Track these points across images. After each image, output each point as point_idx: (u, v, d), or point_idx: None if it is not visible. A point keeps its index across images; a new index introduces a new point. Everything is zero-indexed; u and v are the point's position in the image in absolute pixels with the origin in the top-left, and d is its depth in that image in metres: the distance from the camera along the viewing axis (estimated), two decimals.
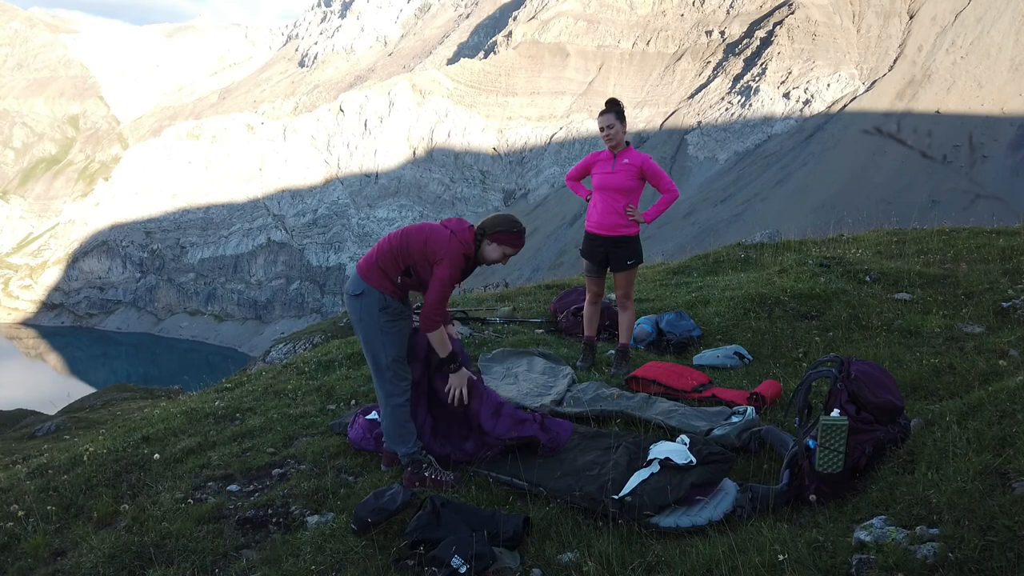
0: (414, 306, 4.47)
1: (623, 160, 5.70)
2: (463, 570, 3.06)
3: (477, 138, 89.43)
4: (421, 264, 4.09)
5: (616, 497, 3.59)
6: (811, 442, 3.55)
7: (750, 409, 4.51)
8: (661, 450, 3.89)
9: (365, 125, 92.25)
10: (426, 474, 4.12)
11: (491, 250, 4.14)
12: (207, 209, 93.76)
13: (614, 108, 5.68)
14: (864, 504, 3.17)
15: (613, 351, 6.35)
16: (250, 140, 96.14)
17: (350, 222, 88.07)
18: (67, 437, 10.94)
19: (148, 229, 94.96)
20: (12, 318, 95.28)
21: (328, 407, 5.66)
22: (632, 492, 3.61)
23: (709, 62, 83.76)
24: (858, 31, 77.31)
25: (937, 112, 64.16)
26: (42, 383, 64.57)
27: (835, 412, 3.50)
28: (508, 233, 4.13)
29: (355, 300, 4.17)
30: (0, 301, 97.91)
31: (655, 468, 3.75)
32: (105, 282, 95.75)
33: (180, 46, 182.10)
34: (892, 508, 2.99)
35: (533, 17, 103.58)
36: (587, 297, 6.20)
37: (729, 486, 3.68)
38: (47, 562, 3.72)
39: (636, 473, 3.77)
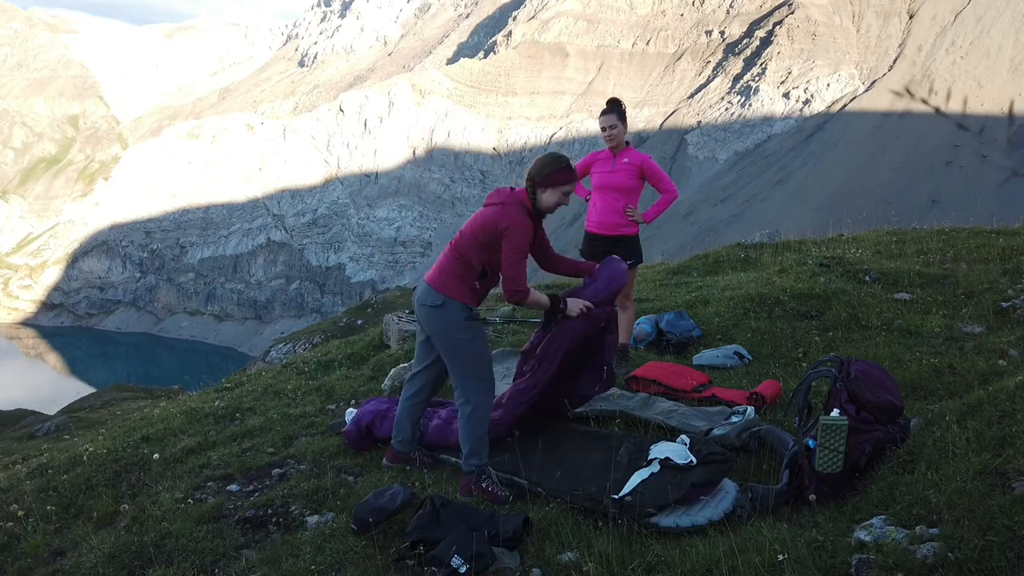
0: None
1: (623, 160, 5.70)
2: (463, 570, 3.06)
3: (477, 138, 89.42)
4: (493, 251, 3.98)
5: (616, 497, 3.59)
6: (811, 442, 3.55)
7: (750, 409, 4.51)
8: (661, 450, 3.89)
9: (365, 125, 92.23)
10: (483, 485, 3.96)
11: (547, 196, 4.02)
12: (207, 209, 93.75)
13: (616, 108, 5.68)
14: (864, 504, 3.17)
15: None
16: (250, 140, 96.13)
17: (350, 222, 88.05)
18: (67, 437, 10.94)
19: (148, 229, 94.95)
20: (12, 318, 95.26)
21: (328, 407, 5.67)
22: (632, 492, 3.61)
23: (709, 62, 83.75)
24: (858, 31, 77.30)
25: (936, 112, 64.07)
26: (42, 383, 64.56)
27: (835, 412, 3.51)
28: (557, 172, 3.99)
29: (435, 311, 4.03)
30: (0, 301, 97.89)
31: (655, 468, 3.76)
32: (105, 282, 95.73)
33: (180, 46, 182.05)
34: (892, 508, 2.99)
35: (533, 17, 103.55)
36: None
37: (729, 486, 3.68)
38: (47, 562, 3.72)
39: (636, 473, 3.77)
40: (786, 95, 73.71)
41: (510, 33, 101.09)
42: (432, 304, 4.04)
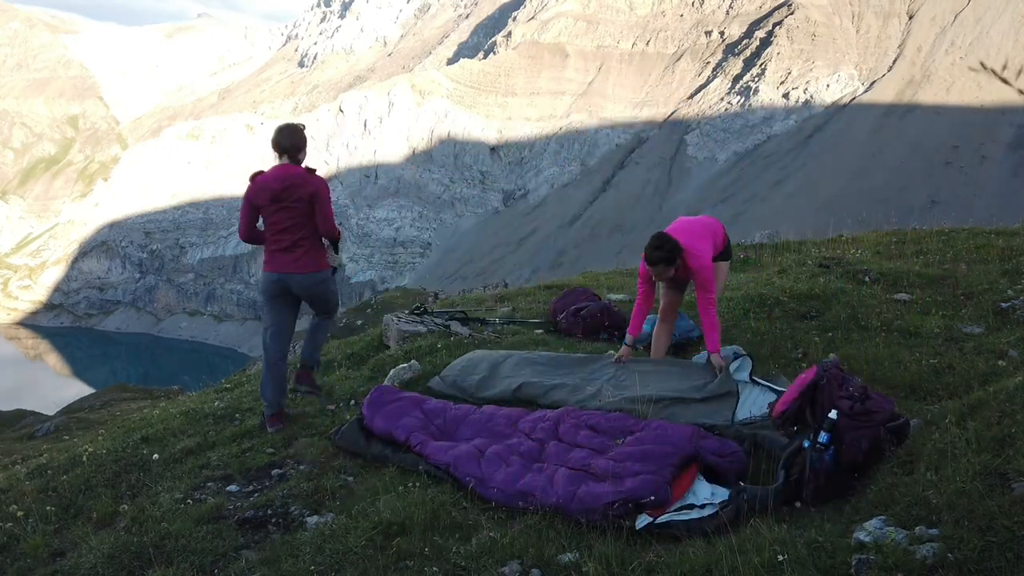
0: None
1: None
2: None
3: (477, 138, 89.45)
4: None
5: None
6: (806, 442, 3.56)
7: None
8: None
9: (365, 125, 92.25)
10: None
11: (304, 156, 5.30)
12: (206, 209, 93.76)
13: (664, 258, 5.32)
14: (863, 504, 3.17)
15: (613, 352, 6.35)
16: (250, 140, 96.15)
17: (349, 222, 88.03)
18: (67, 437, 10.95)
19: (147, 229, 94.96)
20: (12, 318, 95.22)
21: (328, 407, 5.66)
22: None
23: (709, 62, 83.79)
24: (857, 31, 77.35)
25: (936, 113, 64.18)
26: (42, 383, 64.55)
27: (833, 412, 3.51)
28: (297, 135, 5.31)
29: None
30: (0, 301, 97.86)
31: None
32: (104, 282, 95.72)
33: (180, 46, 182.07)
34: (891, 508, 2.99)
35: (533, 17, 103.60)
36: (660, 311, 6.03)
37: (703, 489, 3.69)
38: (46, 562, 3.72)
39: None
40: (786, 95, 73.75)
41: (510, 33, 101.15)
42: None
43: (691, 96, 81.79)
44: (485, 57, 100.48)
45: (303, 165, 5.22)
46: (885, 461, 3.44)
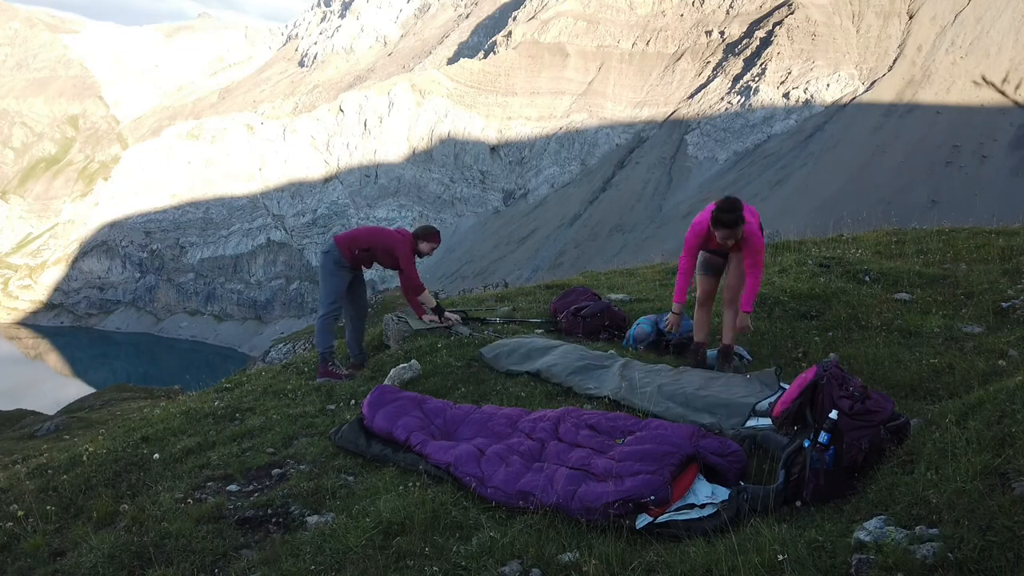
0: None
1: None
2: None
3: (477, 138, 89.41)
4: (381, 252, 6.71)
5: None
6: (806, 442, 3.56)
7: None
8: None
9: (365, 125, 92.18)
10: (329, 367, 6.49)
11: (424, 246, 6.76)
12: (207, 209, 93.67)
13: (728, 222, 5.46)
14: (863, 504, 3.17)
15: (612, 349, 6.35)
16: (250, 140, 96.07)
17: (350, 222, 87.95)
18: (67, 437, 10.95)
19: (148, 229, 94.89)
20: (12, 318, 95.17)
21: (328, 407, 5.67)
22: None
23: (709, 62, 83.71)
24: (858, 31, 77.26)
25: (937, 113, 64.14)
26: (42, 383, 64.53)
27: (833, 413, 3.51)
28: (434, 234, 6.82)
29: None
30: (0, 301, 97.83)
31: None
32: (105, 282, 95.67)
33: (180, 46, 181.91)
34: (891, 508, 2.99)
35: (533, 17, 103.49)
36: (698, 298, 6.22)
37: (703, 488, 3.70)
38: (47, 562, 3.72)
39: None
40: (786, 95, 73.68)
41: (510, 33, 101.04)
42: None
43: (691, 96, 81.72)
44: (485, 57, 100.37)
45: (419, 247, 6.78)
46: (885, 461, 3.44)
